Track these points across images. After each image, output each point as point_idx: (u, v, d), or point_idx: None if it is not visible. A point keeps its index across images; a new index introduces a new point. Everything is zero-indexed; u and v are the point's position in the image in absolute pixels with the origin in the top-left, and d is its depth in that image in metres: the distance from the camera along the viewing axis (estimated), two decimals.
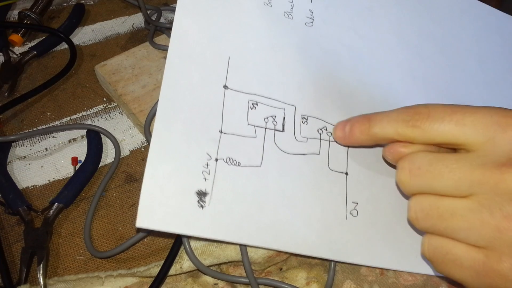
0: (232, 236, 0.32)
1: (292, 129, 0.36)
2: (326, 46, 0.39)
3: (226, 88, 0.35)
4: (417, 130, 0.29)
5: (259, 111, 0.35)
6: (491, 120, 0.27)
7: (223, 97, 0.34)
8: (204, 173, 0.32)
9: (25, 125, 0.45)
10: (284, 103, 0.36)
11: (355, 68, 0.40)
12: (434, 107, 0.29)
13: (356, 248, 0.35)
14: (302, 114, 0.36)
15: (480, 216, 0.27)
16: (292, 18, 0.39)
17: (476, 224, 0.27)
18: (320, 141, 0.36)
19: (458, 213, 0.27)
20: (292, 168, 0.35)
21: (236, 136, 0.34)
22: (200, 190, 0.32)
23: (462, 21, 0.46)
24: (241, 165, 0.33)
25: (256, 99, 0.35)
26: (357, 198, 0.36)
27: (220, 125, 0.34)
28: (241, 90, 0.35)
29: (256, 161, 0.34)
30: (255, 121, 0.35)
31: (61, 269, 0.36)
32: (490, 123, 0.27)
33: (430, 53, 0.43)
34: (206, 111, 0.34)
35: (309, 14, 0.40)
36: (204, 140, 0.33)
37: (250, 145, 0.34)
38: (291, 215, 0.34)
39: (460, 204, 0.27)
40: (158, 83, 0.46)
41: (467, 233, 0.27)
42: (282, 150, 0.35)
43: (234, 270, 0.36)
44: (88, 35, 0.55)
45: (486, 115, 0.28)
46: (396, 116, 0.31)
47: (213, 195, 0.32)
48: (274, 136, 0.35)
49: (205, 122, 0.33)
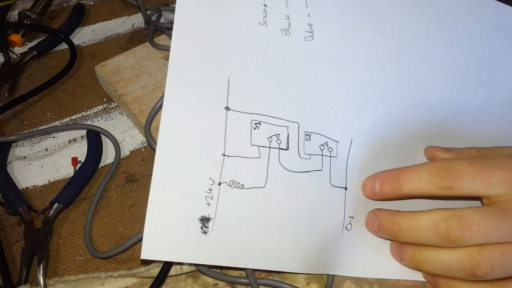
0: (234, 262, 0.32)
1: (297, 146, 0.35)
2: (327, 58, 0.39)
3: (228, 110, 0.34)
4: (449, 191, 0.32)
5: (262, 130, 0.35)
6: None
7: (225, 119, 0.34)
8: (207, 198, 0.32)
9: (25, 125, 0.45)
10: (288, 121, 0.36)
11: (359, 77, 0.39)
12: (461, 166, 0.31)
13: (350, 261, 0.35)
14: (306, 131, 0.36)
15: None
16: (290, 35, 0.39)
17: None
18: (322, 157, 0.36)
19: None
20: (297, 186, 0.34)
21: (239, 158, 0.34)
22: (203, 216, 0.32)
23: (468, 20, 0.45)
24: (245, 187, 0.33)
25: (259, 118, 0.35)
26: (353, 212, 0.36)
27: (223, 148, 0.33)
28: (243, 110, 0.35)
29: (260, 182, 0.34)
30: (259, 141, 0.34)
31: (61, 269, 0.36)
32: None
33: (437, 56, 0.43)
34: (208, 135, 0.33)
35: (308, 29, 0.39)
36: (207, 165, 0.33)
37: (254, 166, 0.34)
38: (294, 235, 0.34)
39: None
40: (158, 83, 0.46)
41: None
42: (287, 168, 0.34)
43: (234, 270, 0.36)
44: (88, 35, 0.55)
45: (509, 172, 0.31)
46: (427, 177, 0.32)
47: (216, 220, 0.32)
48: (279, 155, 0.35)
49: (207, 146, 0.33)
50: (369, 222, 0.36)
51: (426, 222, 0.31)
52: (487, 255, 0.30)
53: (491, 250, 0.30)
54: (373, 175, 0.36)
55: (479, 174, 0.31)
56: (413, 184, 0.33)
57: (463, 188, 0.31)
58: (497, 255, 0.30)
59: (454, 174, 0.31)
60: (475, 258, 0.30)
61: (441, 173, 0.32)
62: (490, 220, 0.30)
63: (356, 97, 0.39)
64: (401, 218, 0.33)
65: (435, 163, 0.33)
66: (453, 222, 0.30)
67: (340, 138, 0.37)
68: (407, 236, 0.33)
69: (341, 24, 0.41)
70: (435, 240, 0.31)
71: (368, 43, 0.41)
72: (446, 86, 0.42)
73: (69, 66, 0.49)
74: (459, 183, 0.31)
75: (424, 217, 0.32)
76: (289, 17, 0.39)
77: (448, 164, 0.32)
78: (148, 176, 0.42)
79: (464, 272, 0.31)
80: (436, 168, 0.32)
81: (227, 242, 0.32)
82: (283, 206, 0.34)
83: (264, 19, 0.38)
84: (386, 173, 0.35)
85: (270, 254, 0.33)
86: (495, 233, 0.30)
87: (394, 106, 0.39)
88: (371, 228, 0.35)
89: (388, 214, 0.34)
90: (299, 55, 0.38)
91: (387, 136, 0.38)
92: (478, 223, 0.30)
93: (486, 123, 0.41)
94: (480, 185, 0.31)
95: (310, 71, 0.38)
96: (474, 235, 0.30)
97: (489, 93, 0.43)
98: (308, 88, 0.37)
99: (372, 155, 0.37)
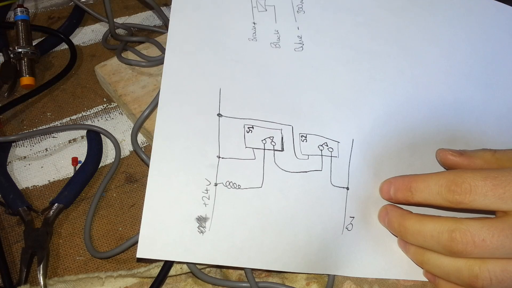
0: (232, 261, 0.32)
1: (292, 147, 0.36)
2: (319, 66, 0.39)
3: (220, 116, 0.35)
4: (459, 205, 0.31)
5: (255, 133, 0.35)
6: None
7: (218, 124, 0.35)
8: (204, 199, 0.33)
9: (25, 125, 0.45)
10: (281, 124, 0.36)
11: (354, 81, 0.40)
12: (474, 181, 0.30)
13: (350, 261, 0.35)
14: (301, 133, 0.36)
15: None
16: (280, 47, 0.39)
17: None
18: (321, 157, 0.36)
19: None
20: (294, 186, 0.35)
21: (234, 159, 0.34)
22: (200, 216, 0.32)
23: (467, 21, 0.45)
24: (241, 188, 0.34)
25: (251, 123, 0.36)
26: (354, 212, 0.36)
27: (217, 151, 0.34)
28: (235, 116, 0.36)
29: (256, 182, 0.34)
30: (253, 144, 0.35)
31: (61, 269, 0.36)
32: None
33: (434, 58, 0.43)
34: (203, 139, 0.34)
35: (298, 40, 0.40)
36: (202, 167, 0.34)
37: (249, 167, 0.34)
38: (293, 234, 0.34)
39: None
40: (158, 83, 0.46)
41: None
42: (283, 169, 0.35)
43: (235, 270, 0.36)
44: (88, 35, 0.55)
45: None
46: (438, 189, 0.32)
47: (214, 219, 0.33)
48: (274, 156, 0.35)
49: (202, 149, 0.34)
50: (381, 216, 0.36)
51: (431, 230, 0.31)
52: (487, 269, 0.30)
53: (493, 265, 0.30)
54: (389, 179, 0.36)
55: (492, 189, 0.30)
56: (424, 195, 0.32)
57: (474, 203, 0.30)
58: (498, 270, 0.29)
59: (465, 189, 0.30)
60: (474, 271, 0.30)
61: (451, 186, 0.31)
62: (497, 237, 0.29)
63: (352, 98, 0.39)
64: (408, 221, 0.33)
65: (447, 175, 0.32)
66: (456, 234, 0.30)
67: (340, 138, 0.37)
68: (412, 239, 0.33)
69: (332, 32, 0.41)
70: (438, 248, 0.31)
71: (362, 47, 0.41)
72: (446, 86, 0.42)
73: (69, 66, 0.49)
74: (470, 198, 0.30)
75: (430, 224, 0.32)
76: (278, 32, 0.40)
77: (459, 178, 0.31)
78: (148, 176, 0.42)
79: (461, 281, 0.31)
80: (448, 180, 0.31)
81: (225, 242, 0.32)
82: (281, 206, 0.34)
83: (253, 35, 0.40)
84: (400, 180, 0.35)
85: (269, 254, 0.33)
86: (501, 249, 0.29)
87: (394, 106, 0.39)
88: (382, 222, 0.36)
89: (398, 214, 0.34)
90: (290, 64, 0.39)
91: (388, 135, 0.38)
92: (484, 239, 0.29)
93: (486, 122, 0.41)
94: (493, 201, 0.30)
95: (302, 78, 0.39)
96: (477, 250, 0.29)
97: (489, 93, 0.43)
98: (300, 94, 0.38)
99: (374, 155, 0.37)
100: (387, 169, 0.37)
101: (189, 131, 0.34)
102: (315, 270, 0.34)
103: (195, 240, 0.32)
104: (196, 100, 0.35)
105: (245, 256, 0.33)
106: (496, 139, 0.41)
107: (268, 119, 0.36)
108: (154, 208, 0.32)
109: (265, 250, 0.33)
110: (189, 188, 0.33)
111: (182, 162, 0.33)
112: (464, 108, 0.41)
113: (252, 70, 0.38)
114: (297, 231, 0.34)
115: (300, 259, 0.34)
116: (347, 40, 0.41)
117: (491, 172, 0.31)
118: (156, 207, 0.32)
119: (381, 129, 0.38)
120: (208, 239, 0.32)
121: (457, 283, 0.32)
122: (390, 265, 0.36)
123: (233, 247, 0.33)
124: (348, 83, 0.39)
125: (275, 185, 0.34)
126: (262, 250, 0.33)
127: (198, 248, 0.32)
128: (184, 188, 0.33)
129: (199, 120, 0.35)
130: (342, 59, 0.40)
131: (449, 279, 0.32)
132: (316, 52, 0.40)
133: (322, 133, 0.37)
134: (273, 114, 0.36)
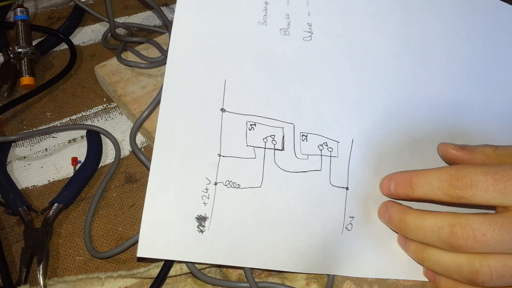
0: (232, 260, 0.33)
1: (292, 147, 0.36)
2: (325, 60, 0.39)
3: (224, 111, 0.35)
4: (460, 200, 0.31)
5: (257, 131, 0.35)
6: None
7: (221, 121, 0.35)
8: (203, 198, 0.33)
9: (25, 125, 0.45)
10: (283, 122, 0.36)
11: (357, 78, 0.39)
12: (474, 175, 0.30)
13: (350, 261, 0.35)
14: (302, 132, 0.36)
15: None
16: (289, 35, 0.38)
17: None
18: (321, 157, 0.36)
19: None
20: (294, 186, 0.35)
21: (235, 158, 0.34)
22: (199, 215, 0.32)
23: (469, 20, 0.45)
24: (241, 187, 0.34)
25: (254, 119, 0.35)
26: (354, 212, 0.36)
27: (218, 149, 0.34)
28: (239, 112, 0.35)
29: (256, 182, 0.34)
30: (254, 142, 0.35)
31: (61, 269, 0.36)
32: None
33: (435, 57, 0.43)
34: (204, 136, 0.34)
35: (307, 28, 0.39)
36: (203, 165, 0.33)
37: (249, 166, 0.34)
38: (292, 234, 0.34)
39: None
40: (158, 84, 0.46)
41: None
42: (283, 168, 0.35)
43: (234, 271, 0.36)
44: (88, 35, 0.55)
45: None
46: (438, 184, 0.32)
47: (213, 219, 0.33)
48: (274, 156, 0.35)
49: (203, 147, 0.34)
50: (381, 213, 0.36)
51: (431, 225, 0.31)
52: (488, 264, 0.30)
53: (493, 260, 0.30)
54: (390, 175, 0.36)
55: (493, 184, 0.30)
56: (425, 190, 0.32)
57: (475, 198, 0.30)
58: (499, 265, 0.29)
59: (466, 184, 0.30)
60: (475, 266, 0.30)
61: (453, 181, 0.31)
62: (498, 231, 0.29)
63: (354, 97, 0.39)
64: (408, 216, 0.33)
65: (448, 170, 0.32)
66: (457, 229, 0.30)
67: (340, 138, 0.37)
68: (412, 234, 0.33)
69: (340, 24, 0.41)
70: (439, 243, 0.31)
71: (367, 43, 0.41)
72: (446, 85, 0.42)
73: (69, 66, 0.49)
74: (471, 193, 0.30)
75: (431, 219, 0.32)
76: (289, 16, 0.39)
77: (460, 172, 0.31)
78: (148, 176, 0.42)
79: (462, 277, 0.31)
80: (448, 175, 0.31)
81: (224, 241, 0.33)
82: (280, 206, 0.34)
83: (264, 18, 0.38)
84: (401, 176, 0.35)
85: (268, 253, 0.33)
86: (501, 244, 0.29)
87: (394, 105, 0.39)
88: (382, 219, 0.36)
89: (398, 210, 0.34)
90: (297, 56, 0.38)
91: (388, 135, 0.38)
92: (484, 234, 0.29)
93: (486, 122, 0.41)
94: (494, 196, 0.30)
95: (308, 72, 0.38)
96: (477, 244, 0.29)
97: (490, 92, 0.43)
98: (304, 89, 0.38)
99: (374, 155, 0.37)
100: (386, 168, 0.37)
101: (192, 128, 0.34)
102: (315, 270, 0.34)
103: (195, 240, 0.32)
104: (200, 93, 0.35)
105: (244, 256, 0.33)
106: (496, 138, 0.41)
107: (271, 116, 0.36)
108: (154, 207, 0.32)
109: (265, 249, 0.33)
110: (189, 187, 0.33)
111: (184, 160, 0.33)
112: (464, 107, 0.41)
113: (259, 61, 0.37)
114: (296, 231, 0.34)
115: (299, 259, 0.34)
116: (355, 33, 0.41)
117: (492, 167, 0.31)
118: (156, 205, 0.32)
119: (381, 129, 0.38)
120: (208, 239, 0.32)
121: (457, 279, 0.32)
122: (390, 265, 0.36)
123: (232, 247, 0.33)
124: (351, 80, 0.39)
125: (274, 185, 0.34)
126: (261, 250, 0.33)
127: (197, 247, 0.32)
128: (184, 187, 0.33)
129: (202, 116, 0.34)
130: (348, 54, 0.40)
131: (449, 276, 0.32)
132: (323, 43, 0.39)
133: (323, 133, 0.37)
134: (276, 110, 0.36)
